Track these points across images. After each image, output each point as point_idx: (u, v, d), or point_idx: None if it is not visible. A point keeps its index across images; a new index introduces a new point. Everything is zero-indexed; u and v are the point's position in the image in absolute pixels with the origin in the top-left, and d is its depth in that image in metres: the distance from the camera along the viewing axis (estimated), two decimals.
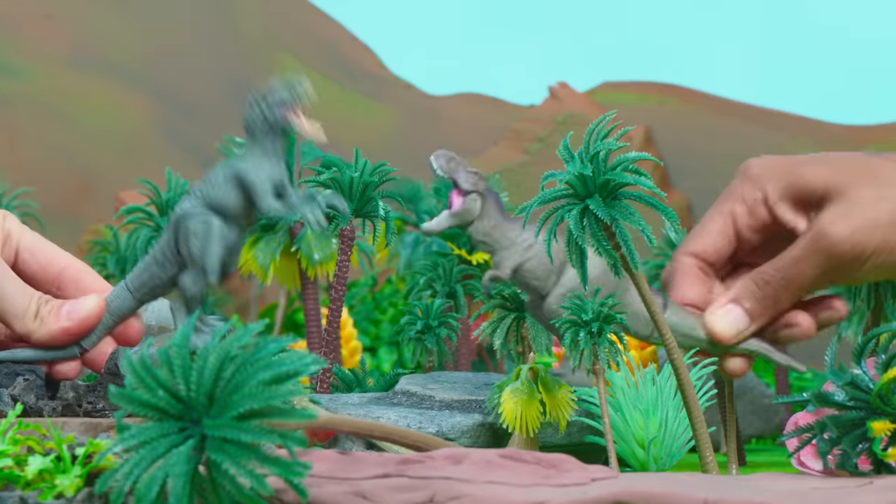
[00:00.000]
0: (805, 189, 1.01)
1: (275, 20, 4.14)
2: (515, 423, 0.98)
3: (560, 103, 3.79)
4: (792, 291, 1.01)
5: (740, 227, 1.03)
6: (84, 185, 3.67)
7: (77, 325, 0.96)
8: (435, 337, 1.22)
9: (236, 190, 0.95)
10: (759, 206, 1.02)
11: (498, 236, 1.03)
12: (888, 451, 0.80)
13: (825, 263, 1.00)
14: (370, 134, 3.77)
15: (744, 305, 1.01)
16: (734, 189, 1.04)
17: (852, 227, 0.99)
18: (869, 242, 0.99)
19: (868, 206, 0.99)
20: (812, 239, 0.99)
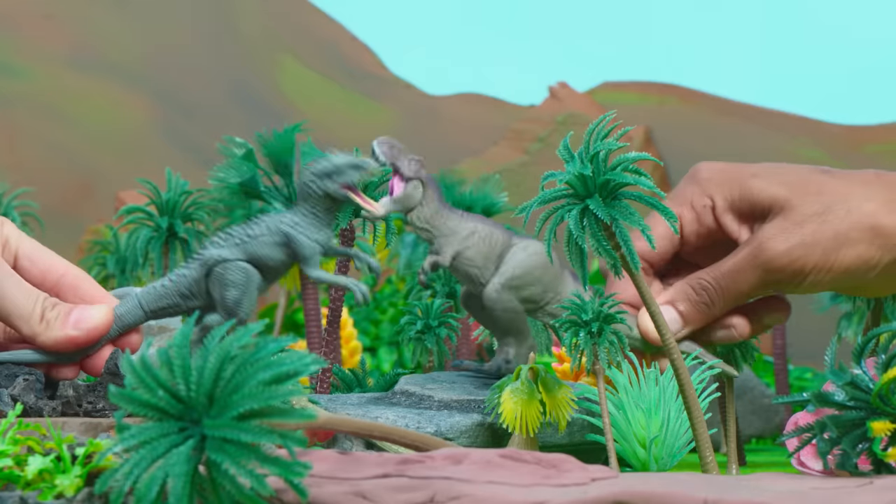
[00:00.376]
0: (751, 201, 1.02)
1: (275, 20, 4.14)
2: (515, 423, 0.98)
3: (560, 103, 3.79)
4: (727, 300, 1.02)
5: (686, 231, 1.04)
6: (84, 185, 3.67)
7: (84, 336, 0.96)
8: (435, 337, 1.22)
9: (282, 251, 0.96)
10: (707, 212, 1.03)
11: (438, 224, 1.04)
12: (888, 451, 0.80)
13: (762, 277, 1.01)
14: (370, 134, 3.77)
15: (678, 308, 1.02)
16: (683, 193, 1.05)
17: (790, 244, 1.00)
18: (808, 260, 1.00)
19: (809, 223, 1.00)
20: (751, 252, 1.00)
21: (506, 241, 1.05)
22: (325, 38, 4.12)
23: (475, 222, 1.05)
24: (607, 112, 0.92)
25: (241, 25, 4.10)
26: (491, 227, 1.05)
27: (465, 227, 1.04)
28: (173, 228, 1.41)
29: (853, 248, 1.01)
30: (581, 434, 1.06)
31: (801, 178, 1.03)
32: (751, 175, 1.04)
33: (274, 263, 0.96)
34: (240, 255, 0.96)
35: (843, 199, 1.02)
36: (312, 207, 0.97)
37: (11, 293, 0.95)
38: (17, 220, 1.67)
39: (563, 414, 0.99)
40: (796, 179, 1.03)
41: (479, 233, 1.04)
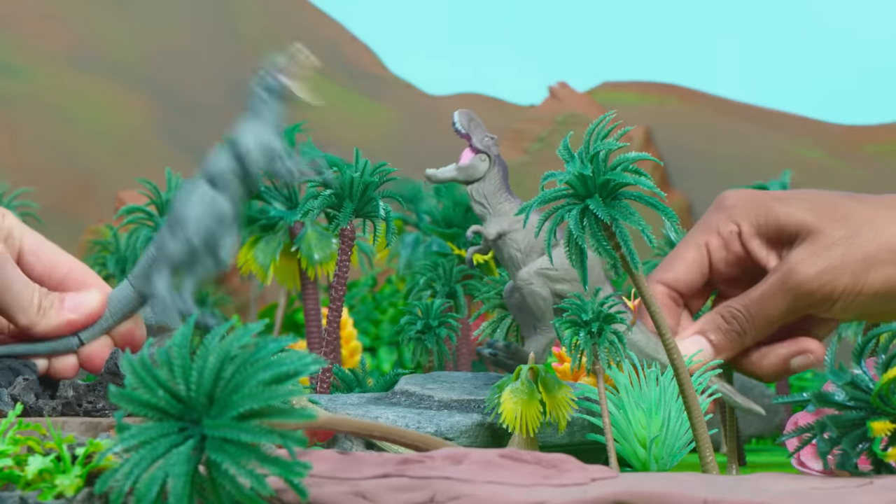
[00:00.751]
0: (778, 226, 1.02)
1: (275, 20, 4.14)
2: (515, 423, 0.98)
3: (560, 103, 3.79)
4: (758, 327, 1.02)
5: (714, 259, 1.04)
6: (84, 185, 3.67)
7: (82, 319, 0.97)
8: (435, 337, 1.21)
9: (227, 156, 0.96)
10: (734, 239, 1.03)
11: (494, 202, 1.05)
12: (888, 451, 0.80)
13: (793, 302, 1.01)
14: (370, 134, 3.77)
15: (709, 337, 1.02)
16: (710, 221, 1.05)
17: (820, 268, 1.00)
18: (837, 283, 1.00)
19: (838, 247, 1.00)
20: (780, 278, 1.00)
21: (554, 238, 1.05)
22: (325, 38, 4.12)
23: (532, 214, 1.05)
24: (607, 112, 0.92)
25: (241, 25, 4.10)
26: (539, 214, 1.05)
27: (512, 209, 1.05)
28: None
29: (882, 270, 1.01)
30: (581, 434, 1.06)
31: (827, 202, 1.04)
32: (776, 200, 1.04)
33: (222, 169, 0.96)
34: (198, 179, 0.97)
35: (870, 223, 1.02)
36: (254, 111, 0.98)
37: (17, 286, 0.95)
38: None
39: (563, 414, 0.99)
40: (822, 204, 1.03)
41: (531, 222, 1.05)
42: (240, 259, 1.41)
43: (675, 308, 1.04)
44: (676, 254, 1.05)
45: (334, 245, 1.38)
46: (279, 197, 1.39)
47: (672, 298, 1.04)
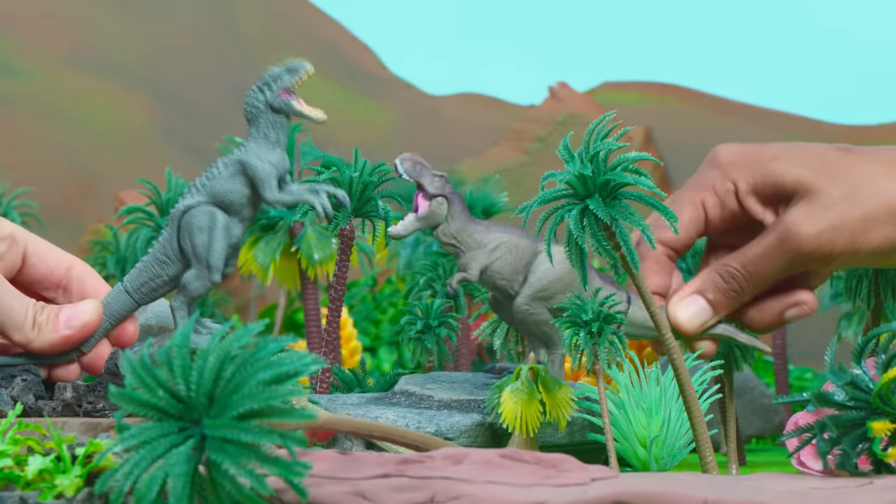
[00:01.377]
0: (775, 184, 1.02)
1: (275, 20, 4.14)
2: (515, 423, 0.98)
3: (560, 103, 3.79)
4: (756, 285, 1.02)
5: (710, 216, 1.03)
6: (84, 185, 3.67)
7: (77, 333, 0.96)
8: (435, 337, 1.21)
9: (240, 181, 0.95)
10: (730, 197, 1.03)
11: (464, 238, 1.04)
12: (888, 451, 0.80)
13: (791, 261, 1.00)
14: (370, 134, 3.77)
15: (707, 297, 1.02)
16: (704, 178, 1.04)
17: (819, 228, 0.99)
18: (836, 244, 1.00)
19: (836, 206, 1.00)
20: (778, 237, 1.00)
21: (531, 249, 1.05)
22: (325, 38, 4.12)
23: (500, 233, 1.05)
24: (607, 112, 0.92)
25: (241, 25, 4.10)
26: (516, 236, 1.05)
27: (491, 239, 1.05)
28: None
29: (881, 229, 1.01)
30: (581, 434, 1.06)
31: (825, 158, 1.03)
32: (772, 157, 1.03)
33: (236, 197, 0.95)
34: (202, 199, 0.95)
35: (869, 180, 1.01)
36: (260, 128, 0.95)
37: (7, 303, 0.95)
38: (16, 221, 1.67)
39: (563, 414, 0.99)
40: (820, 161, 1.03)
41: (504, 244, 1.05)
42: (240, 259, 1.41)
43: (670, 266, 1.04)
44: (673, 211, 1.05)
45: (334, 245, 1.38)
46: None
47: (668, 256, 1.04)
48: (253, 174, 0.94)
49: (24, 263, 0.99)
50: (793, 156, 1.03)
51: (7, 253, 0.98)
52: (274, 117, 0.95)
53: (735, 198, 1.03)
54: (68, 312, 0.96)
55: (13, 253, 0.98)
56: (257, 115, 0.95)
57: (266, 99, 0.95)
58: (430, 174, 1.04)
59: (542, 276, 1.04)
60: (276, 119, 0.95)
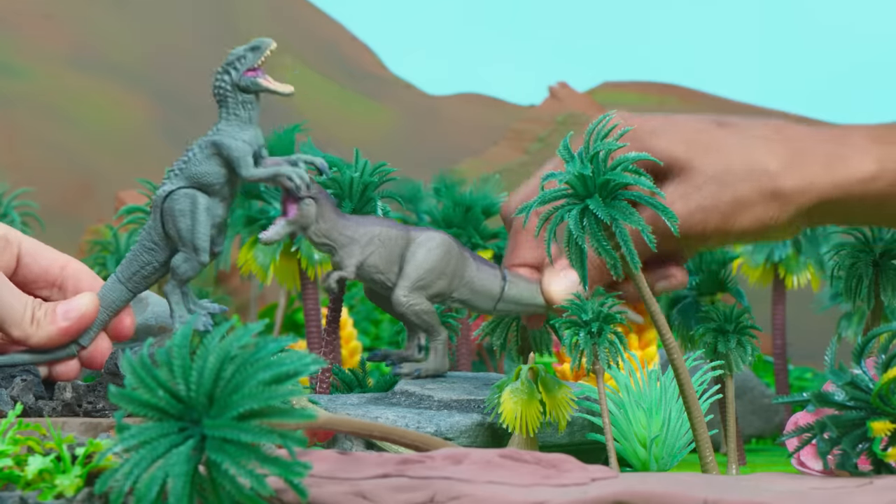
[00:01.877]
0: None
1: (275, 20, 4.14)
2: (515, 423, 0.98)
3: (560, 103, 3.79)
4: None
5: None
6: (84, 185, 3.67)
7: (75, 324, 0.97)
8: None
9: (216, 162, 0.96)
10: None
11: (336, 236, 1.03)
12: (888, 451, 0.80)
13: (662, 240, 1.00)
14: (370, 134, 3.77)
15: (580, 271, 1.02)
16: None
17: (690, 209, 0.99)
18: (707, 224, 1.00)
19: (708, 186, 1.00)
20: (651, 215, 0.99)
21: (404, 237, 1.04)
22: (325, 38, 4.12)
23: (371, 226, 1.04)
24: (607, 112, 0.92)
25: (241, 25, 4.10)
26: (387, 226, 1.04)
27: (363, 233, 1.03)
28: None
29: (751, 210, 1.01)
30: (581, 434, 1.07)
31: (700, 134, 1.02)
32: (650, 133, 1.03)
33: (213, 178, 0.95)
34: (181, 183, 0.96)
35: (743, 159, 1.01)
36: (230, 109, 0.96)
37: (6, 300, 0.95)
38: (16, 220, 1.67)
39: (563, 414, 0.99)
40: (695, 136, 1.02)
41: (377, 237, 1.04)
42: (240, 259, 1.41)
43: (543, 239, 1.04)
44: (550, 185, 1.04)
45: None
46: (279, 197, 1.39)
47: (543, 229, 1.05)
48: (228, 154, 0.95)
49: (19, 264, 0.99)
50: (670, 131, 1.03)
51: (1, 255, 0.98)
52: (242, 96, 0.96)
53: None
54: (65, 306, 0.97)
55: (7, 254, 0.99)
56: (225, 97, 0.96)
57: (232, 79, 0.96)
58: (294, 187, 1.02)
59: (417, 266, 1.04)
60: (244, 98, 0.96)
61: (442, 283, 1.03)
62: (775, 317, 1.56)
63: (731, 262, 1.28)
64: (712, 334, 1.10)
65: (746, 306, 1.13)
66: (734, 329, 1.08)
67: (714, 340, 1.10)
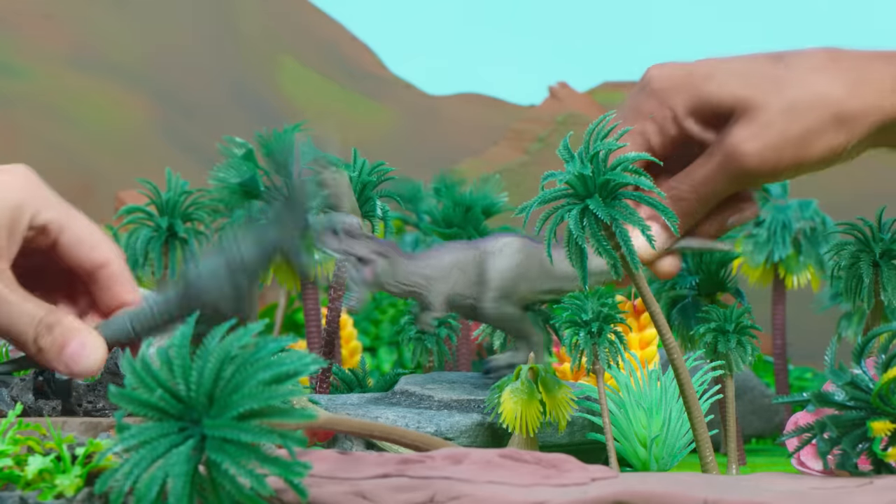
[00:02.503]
0: (713, 105, 1.01)
1: (275, 20, 4.14)
2: (515, 423, 0.98)
3: (560, 103, 3.79)
4: (706, 205, 1.02)
5: (653, 143, 1.03)
6: (84, 185, 3.67)
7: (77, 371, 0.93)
8: (435, 337, 1.21)
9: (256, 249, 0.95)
10: (669, 123, 1.02)
11: (416, 280, 1.02)
12: (888, 451, 0.80)
13: (737, 180, 1.00)
14: (370, 134, 3.77)
15: (660, 222, 1.02)
16: (640, 106, 1.04)
17: (762, 145, 0.99)
18: (781, 159, 1.00)
19: (777, 122, 0.99)
20: (723, 159, 0.99)
21: (478, 254, 1.04)
22: (325, 38, 4.12)
23: (444, 256, 1.03)
24: (607, 112, 0.92)
25: (241, 25, 4.10)
26: (459, 251, 1.04)
27: (440, 268, 1.02)
28: (173, 228, 1.41)
29: (822, 139, 1.01)
30: (581, 434, 1.07)
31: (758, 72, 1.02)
32: (706, 77, 1.03)
33: None
34: None
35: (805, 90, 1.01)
36: None
37: (6, 319, 0.92)
38: None
39: (563, 414, 0.99)
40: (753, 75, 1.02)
41: (455, 266, 1.03)
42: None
43: None
44: None
45: None
46: (279, 197, 1.39)
47: None
48: None
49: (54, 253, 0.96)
50: (727, 73, 1.03)
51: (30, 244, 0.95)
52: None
53: (674, 123, 1.02)
54: (73, 350, 0.93)
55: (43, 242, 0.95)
56: None
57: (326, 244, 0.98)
58: (357, 240, 1.02)
59: (496, 275, 1.03)
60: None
61: (525, 286, 1.03)
62: (775, 317, 1.56)
63: (731, 262, 1.28)
64: (712, 334, 1.10)
65: (746, 306, 1.13)
66: (734, 329, 1.08)
67: (714, 340, 1.10)
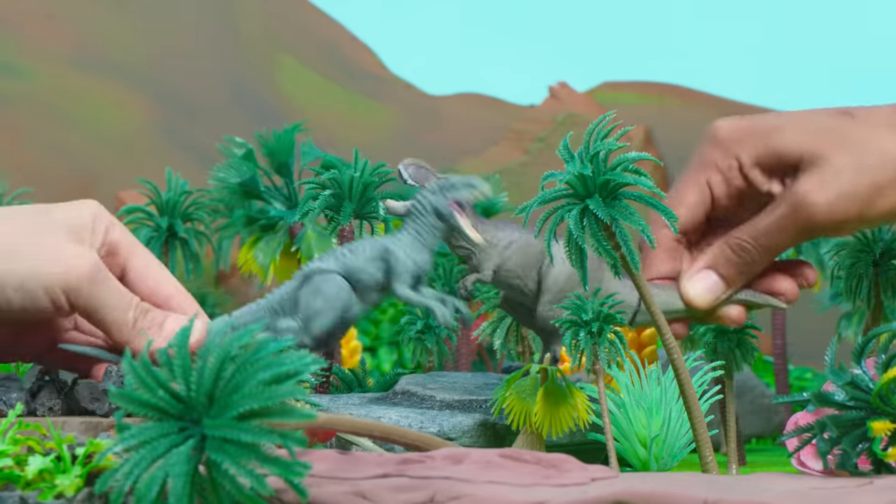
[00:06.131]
0: (780, 156, 1.01)
1: (275, 20, 4.14)
2: (520, 420, 0.98)
3: (560, 103, 3.79)
4: (768, 257, 1.02)
5: (716, 195, 1.03)
6: (84, 185, 3.67)
7: None
8: (435, 337, 1.22)
9: (377, 265, 0.94)
10: (734, 173, 1.03)
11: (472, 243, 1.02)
12: (888, 451, 0.80)
13: (803, 232, 1.00)
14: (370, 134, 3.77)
15: (720, 272, 1.02)
16: (706, 157, 1.04)
17: (830, 199, 0.99)
18: (848, 212, 1.00)
19: (846, 176, 1.00)
20: (790, 209, 0.99)
21: (542, 249, 1.04)
22: (325, 38, 4.12)
23: (511, 231, 1.04)
24: (607, 112, 0.92)
25: (242, 26, 4.10)
26: (527, 235, 1.04)
27: (502, 238, 1.03)
28: (173, 228, 1.41)
29: (887, 196, 1.01)
30: (581, 434, 1.07)
31: (826, 126, 1.03)
32: (772, 129, 1.03)
33: (368, 278, 0.94)
34: (336, 268, 0.95)
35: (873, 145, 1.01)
36: (417, 226, 0.96)
37: (107, 301, 0.91)
38: None
39: (567, 420, 0.99)
40: (822, 129, 1.02)
41: (516, 242, 1.03)
42: (240, 259, 1.41)
43: (679, 250, 1.04)
44: (678, 196, 1.04)
45: (334, 245, 1.38)
46: (279, 197, 1.39)
47: (678, 241, 1.04)
48: (393, 264, 0.94)
49: (122, 279, 0.94)
50: (794, 125, 1.03)
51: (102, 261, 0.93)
52: (434, 221, 0.96)
53: (739, 173, 1.03)
54: (174, 325, 0.93)
55: (112, 264, 0.94)
56: (420, 213, 0.96)
57: (434, 202, 0.96)
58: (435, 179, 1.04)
59: (555, 279, 1.03)
60: (435, 223, 0.96)
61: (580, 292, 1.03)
62: (775, 317, 1.56)
63: None
64: (712, 334, 1.10)
65: None
66: (734, 329, 1.08)
67: (714, 340, 1.10)
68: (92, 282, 0.90)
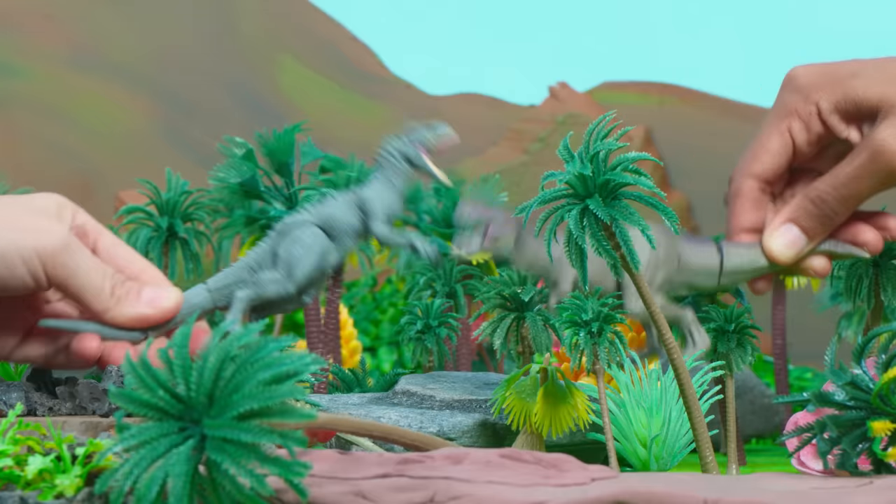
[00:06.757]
0: (857, 102, 1.01)
1: (275, 20, 4.14)
2: (520, 420, 0.98)
3: (560, 103, 3.79)
4: (849, 207, 1.02)
5: (797, 142, 1.03)
6: (84, 185, 3.67)
7: (158, 315, 0.93)
8: (435, 337, 1.21)
9: (353, 213, 0.98)
10: (814, 119, 1.02)
11: (543, 257, 1.05)
12: (888, 451, 0.80)
13: (884, 179, 1.00)
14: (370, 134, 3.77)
15: (801, 224, 1.02)
16: (786, 103, 1.04)
17: None
18: None
19: None
20: (869, 156, 0.99)
21: None
22: (325, 38, 4.12)
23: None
24: (607, 112, 0.92)
25: (241, 25, 4.10)
26: None
27: None
28: (173, 228, 1.41)
29: None
30: (581, 434, 1.07)
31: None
32: (851, 75, 1.03)
33: (345, 225, 0.97)
34: (313, 220, 0.98)
35: None
36: (386, 174, 0.99)
37: (82, 269, 0.92)
38: None
39: (567, 420, 0.99)
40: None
41: None
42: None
43: (763, 200, 1.04)
44: (760, 144, 1.04)
45: None
46: (279, 197, 1.39)
47: (762, 190, 1.04)
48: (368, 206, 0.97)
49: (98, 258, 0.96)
50: (871, 72, 1.03)
51: None
52: (402, 165, 0.99)
53: (819, 119, 1.02)
54: (152, 293, 0.94)
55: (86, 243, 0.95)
56: (388, 160, 0.99)
57: (401, 147, 0.99)
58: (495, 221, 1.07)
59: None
60: (404, 168, 0.99)
61: (661, 273, 1.03)
62: (775, 317, 1.56)
63: None
64: (712, 334, 1.10)
65: (746, 306, 1.13)
66: (734, 329, 1.08)
67: (714, 340, 1.10)
68: (67, 249, 0.91)
